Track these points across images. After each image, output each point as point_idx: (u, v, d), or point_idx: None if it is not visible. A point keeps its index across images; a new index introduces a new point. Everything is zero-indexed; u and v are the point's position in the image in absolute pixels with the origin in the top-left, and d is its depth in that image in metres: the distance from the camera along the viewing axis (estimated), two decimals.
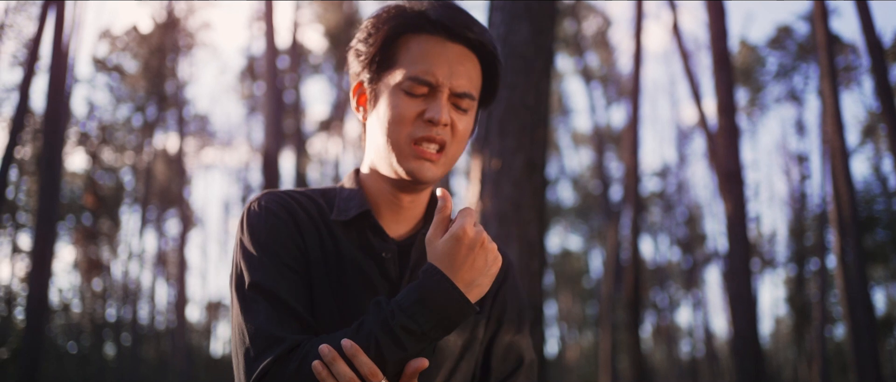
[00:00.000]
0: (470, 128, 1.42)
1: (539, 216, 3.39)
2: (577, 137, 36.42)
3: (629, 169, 16.07)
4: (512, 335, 1.49)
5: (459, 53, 1.37)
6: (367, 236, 1.42)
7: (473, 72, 1.39)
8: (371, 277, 1.38)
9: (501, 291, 1.51)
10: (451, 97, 1.37)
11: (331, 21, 30.79)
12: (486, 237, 1.24)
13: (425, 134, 1.34)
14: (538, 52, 3.55)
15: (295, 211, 1.41)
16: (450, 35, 1.37)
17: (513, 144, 3.40)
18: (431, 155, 1.35)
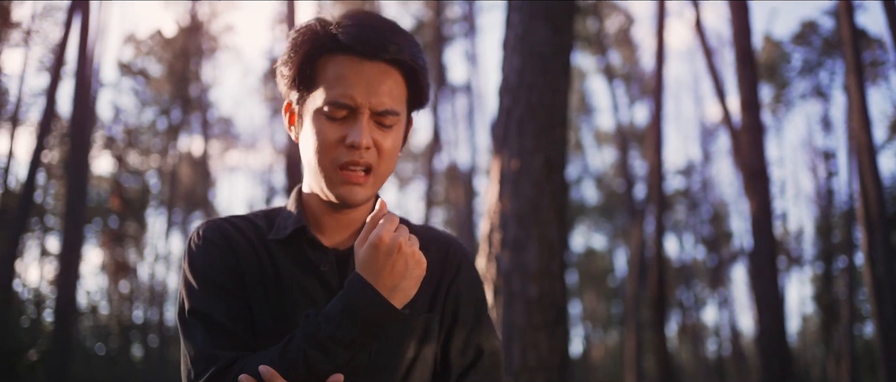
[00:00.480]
0: (398, 142, 1.41)
1: (559, 217, 3.37)
2: (600, 136, 36.28)
3: (653, 167, 15.97)
4: (469, 327, 1.48)
5: (378, 70, 1.35)
6: (306, 252, 1.42)
7: (395, 87, 1.37)
8: (311, 292, 1.40)
9: (454, 285, 1.49)
10: (372, 117, 1.35)
11: None
12: (404, 242, 1.25)
13: (349, 159, 1.34)
14: (557, 51, 3.53)
15: (231, 237, 1.43)
16: (365, 55, 1.34)
17: (532, 144, 3.38)
18: (358, 179, 1.35)
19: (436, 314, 1.45)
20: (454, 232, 36.21)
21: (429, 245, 1.49)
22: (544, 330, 3.15)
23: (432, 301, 1.46)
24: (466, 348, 1.46)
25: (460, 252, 1.54)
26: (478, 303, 1.52)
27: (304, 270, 1.41)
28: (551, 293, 3.22)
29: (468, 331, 1.47)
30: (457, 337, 1.46)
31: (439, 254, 1.51)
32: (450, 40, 30.47)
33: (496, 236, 3.34)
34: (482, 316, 1.51)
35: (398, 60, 1.36)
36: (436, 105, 23.72)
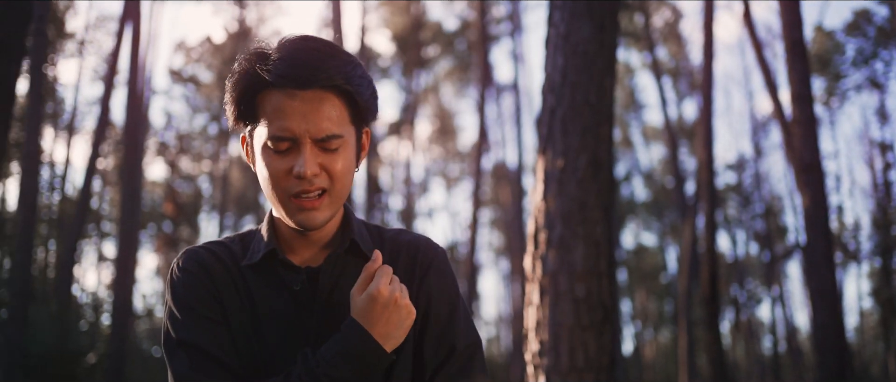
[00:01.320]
0: (349, 161, 1.42)
1: (606, 215, 3.34)
2: (649, 132, 35.91)
3: (703, 163, 15.75)
4: (442, 325, 1.50)
5: (313, 98, 1.36)
6: (279, 273, 1.46)
7: (334, 111, 1.38)
8: (284, 312, 1.43)
9: (424, 285, 1.51)
10: (315, 144, 1.37)
11: (398, 25, 31.01)
12: (400, 295, 1.34)
13: (300, 188, 1.37)
14: (600, 49, 3.51)
15: (208, 265, 1.47)
16: (297, 86, 1.35)
17: (577, 142, 3.36)
18: (312, 204, 1.38)
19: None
20: (502, 232, 36.13)
21: (400, 251, 1.54)
22: (592, 330, 3.12)
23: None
24: (439, 346, 1.47)
25: (430, 253, 1.56)
26: (450, 300, 1.53)
27: (277, 291, 1.45)
28: (599, 293, 3.20)
29: (441, 329, 1.49)
30: (429, 336, 1.48)
31: (409, 258, 1.54)
32: (495, 40, 30.42)
33: (542, 235, 3.33)
34: (455, 313, 1.52)
35: (330, 82, 1.36)
36: (482, 105, 23.66)
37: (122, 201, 19.56)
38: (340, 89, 1.38)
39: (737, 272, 33.58)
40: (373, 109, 1.46)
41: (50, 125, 28.52)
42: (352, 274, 1.46)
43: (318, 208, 1.39)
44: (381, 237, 1.56)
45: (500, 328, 39.63)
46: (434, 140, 37.85)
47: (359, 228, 1.53)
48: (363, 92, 1.41)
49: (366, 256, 1.47)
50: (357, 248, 1.48)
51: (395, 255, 1.52)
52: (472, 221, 22.91)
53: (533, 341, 3.24)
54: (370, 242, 1.52)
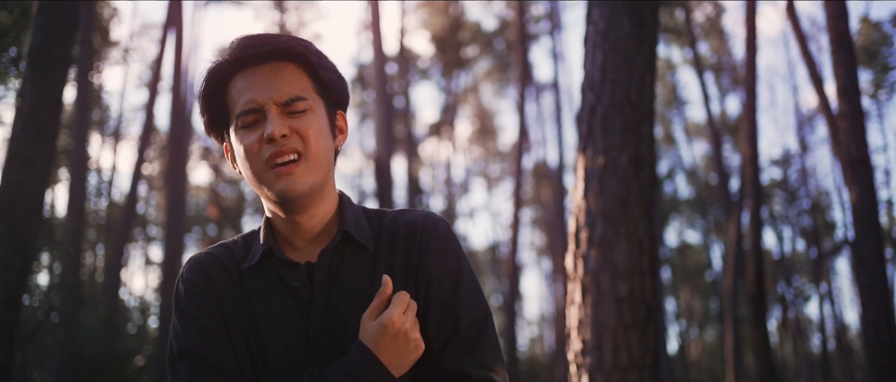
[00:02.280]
0: (322, 128, 1.44)
1: (648, 213, 3.31)
2: (692, 129, 35.50)
3: (747, 159, 15.53)
4: (447, 298, 1.46)
5: (271, 68, 1.42)
6: (278, 271, 1.46)
7: (293, 76, 1.43)
8: (285, 311, 1.44)
9: (423, 264, 1.48)
10: (281, 110, 1.40)
11: (436, 26, 31.06)
12: (410, 328, 1.34)
13: (272, 152, 1.39)
14: (640, 45, 3.48)
15: (210, 272, 1.49)
16: (254, 61, 1.42)
17: (617, 140, 3.34)
18: (289, 168, 1.39)
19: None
20: (544, 232, 35.99)
21: (399, 232, 1.51)
22: (635, 329, 3.10)
23: (404, 289, 1.44)
24: (444, 318, 1.43)
25: (429, 229, 1.51)
26: (453, 273, 1.48)
27: (277, 291, 1.45)
28: (642, 291, 3.17)
29: (445, 302, 1.45)
30: (433, 311, 1.44)
31: (407, 237, 1.51)
32: (534, 39, 30.32)
33: (583, 234, 3.31)
34: (460, 286, 1.47)
35: (289, 53, 1.43)
36: (522, 104, 23.60)
37: (167, 205, 19.87)
38: (299, 58, 1.45)
39: (783, 269, 33.04)
40: (338, 87, 1.50)
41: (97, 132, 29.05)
42: (349, 266, 1.46)
43: (294, 172, 1.39)
44: (381, 222, 1.55)
45: (542, 328, 39.49)
46: (474, 140, 37.82)
47: (355, 217, 1.52)
48: (323, 64, 1.46)
49: (361, 245, 1.47)
50: (351, 238, 1.47)
51: (394, 237, 1.51)
52: (513, 220, 22.85)
53: (575, 340, 3.22)
54: (367, 229, 1.51)
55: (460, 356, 1.41)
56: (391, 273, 1.44)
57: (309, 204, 1.45)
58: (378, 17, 18.77)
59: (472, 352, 1.42)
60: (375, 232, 1.51)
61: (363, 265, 1.47)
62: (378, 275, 1.44)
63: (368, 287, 1.43)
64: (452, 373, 1.40)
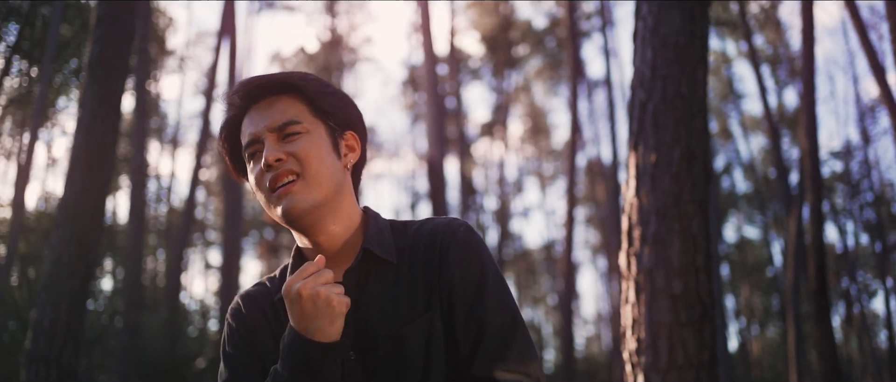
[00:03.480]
0: (318, 144, 1.48)
1: (702, 209, 3.26)
2: (749, 123, 34.88)
3: (807, 152, 15.20)
4: (469, 302, 1.44)
5: (267, 102, 1.50)
6: None
7: (287, 104, 1.50)
8: None
9: (444, 271, 1.47)
10: (276, 136, 1.47)
11: (486, 26, 31.05)
12: (303, 287, 1.31)
13: (271, 178, 1.44)
14: (691, 40, 3.43)
15: (245, 315, 1.57)
16: (253, 99, 1.52)
17: (669, 136, 3.30)
18: (288, 188, 1.43)
19: (434, 310, 1.44)
20: (599, 230, 35.69)
21: (420, 241, 1.52)
22: (690, 327, 3.05)
23: (428, 300, 1.45)
24: (469, 323, 1.42)
25: (449, 235, 1.50)
26: (476, 277, 1.47)
27: None
28: (697, 288, 3.12)
29: (469, 307, 1.43)
30: (458, 317, 1.43)
31: (428, 246, 1.50)
32: (586, 36, 30.11)
33: (636, 232, 3.28)
34: (484, 291, 1.45)
35: (282, 85, 1.51)
36: (574, 102, 23.45)
37: (224, 210, 20.19)
38: (292, 88, 1.52)
39: (847, 263, 32.27)
40: (338, 109, 1.54)
41: (155, 140, 29.66)
42: (374, 282, 1.47)
43: (292, 191, 1.44)
44: (406, 233, 1.55)
45: (599, 327, 39.17)
46: (527, 139, 37.71)
47: (380, 232, 1.53)
48: (318, 90, 1.51)
49: (386, 260, 1.48)
50: (373, 255, 1.48)
51: (416, 247, 1.51)
52: (567, 219, 22.71)
53: (630, 339, 3.19)
54: (391, 244, 1.51)
55: (490, 361, 1.39)
56: (414, 284, 1.46)
57: (318, 221, 1.47)
58: (428, 18, 18.82)
59: (501, 357, 1.40)
60: (400, 245, 1.52)
61: (388, 278, 1.47)
62: (402, 289, 1.46)
63: (393, 303, 1.45)
64: (484, 380, 1.38)
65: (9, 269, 15.14)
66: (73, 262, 6.75)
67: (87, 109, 7.24)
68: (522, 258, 38.80)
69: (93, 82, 7.28)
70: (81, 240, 6.84)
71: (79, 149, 7.13)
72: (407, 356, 1.41)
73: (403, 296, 1.44)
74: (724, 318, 24.20)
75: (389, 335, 1.41)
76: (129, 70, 10.14)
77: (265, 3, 31.59)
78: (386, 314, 1.43)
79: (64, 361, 6.60)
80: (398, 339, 1.41)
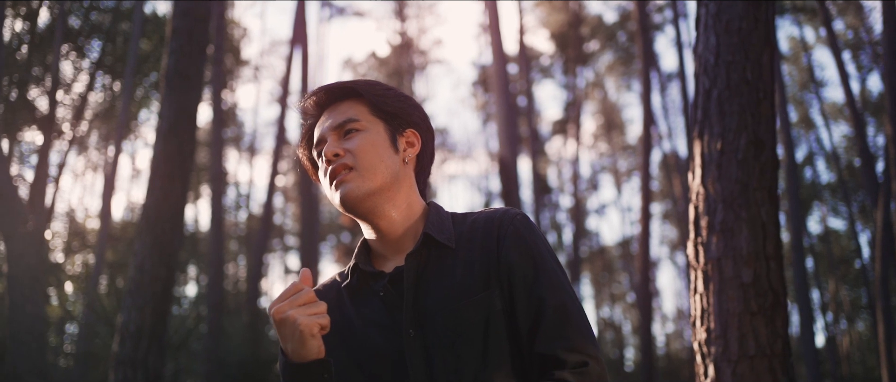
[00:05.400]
0: (374, 139, 1.60)
1: (771, 197, 3.20)
2: (831, 111, 33.87)
3: (892, 139, 14.70)
4: (528, 286, 1.50)
5: (332, 107, 1.65)
6: (368, 285, 1.60)
7: (348, 106, 1.64)
8: (380, 321, 1.54)
9: (502, 253, 1.53)
10: (337, 133, 1.60)
11: (556, 23, 30.87)
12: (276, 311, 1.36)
13: (330, 171, 1.58)
14: (755, 24, 3.36)
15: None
16: (323, 107, 1.68)
17: (735, 123, 3.24)
18: (342, 179, 1.56)
19: (493, 290, 1.49)
20: (674, 225, 35.08)
21: (476, 230, 1.59)
22: (762, 316, 2.99)
23: (486, 280, 1.51)
24: (530, 304, 1.48)
25: (505, 223, 1.58)
26: (534, 260, 1.53)
27: (369, 303, 1.57)
28: (767, 277, 3.06)
29: (528, 288, 1.50)
30: (519, 298, 1.49)
31: (486, 232, 1.57)
32: (658, 28, 29.68)
33: (703, 221, 3.23)
34: (540, 272, 1.52)
35: (343, 91, 1.65)
36: (646, 96, 23.12)
37: (301, 215, 20.54)
38: (353, 93, 1.66)
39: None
40: (397, 108, 1.66)
41: (233, 148, 30.36)
42: (434, 266, 1.55)
43: (346, 181, 1.56)
44: (464, 222, 1.64)
45: (680, 324, 38.51)
46: (600, 136, 37.35)
47: (440, 221, 1.62)
48: (378, 92, 1.64)
49: (446, 245, 1.56)
50: (433, 240, 1.56)
51: (473, 232, 1.59)
52: (642, 215, 22.40)
53: (700, 329, 3.15)
54: (451, 230, 1.60)
55: (552, 340, 1.45)
56: (471, 265, 1.52)
57: (376, 208, 1.58)
58: (496, 18, 18.82)
59: (563, 335, 1.45)
60: (458, 232, 1.60)
61: (446, 263, 1.54)
62: (459, 271, 1.52)
63: (451, 284, 1.51)
64: (547, 358, 1.44)
65: (97, 277, 15.71)
66: (155, 267, 6.98)
67: (165, 119, 7.48)
68: (599, 255, 38.45)
69: (170, 93, 7.52)
70: (162, 245, 7.07)
71: (158, 158, 7.37)
72: (466, 331, 1.46)
73: (461, 276, 1.51)
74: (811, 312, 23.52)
75: (448, 311, 1.48)
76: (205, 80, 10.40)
77: (336, 11, 32.04)
78: (444, 294, 1.50)
79: (150, 363, 6.83)
80: (457, 315, 1.47)
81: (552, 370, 1.43)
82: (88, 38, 18.25)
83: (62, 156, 19.03)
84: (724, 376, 2.99)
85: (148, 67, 17.65)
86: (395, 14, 32.67)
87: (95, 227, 20.95)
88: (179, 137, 7.40)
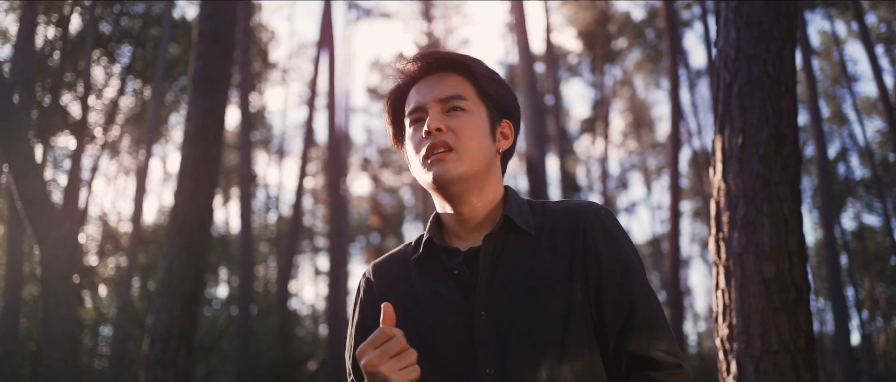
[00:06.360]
0: (477, 125, 1.57)
1: (793, 191, 3.17)
2: (864, 105, 33.39)
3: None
4: (618, 285, 1.50)
5: (438, 77, 1.61)
6: (441, 260, 1.58)
7: (456, 81, 1.60)
8: (450, 297, 1.52)
9: (591, 249, 1.53)
10: (441, 106, 1.57)
11: (583, 21, 30.73)
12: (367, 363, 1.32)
13: (429, 145, 1.53)
14: (776, 17, 3.33)
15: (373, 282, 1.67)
16: (425, 72, 1.62)
17: (756, 117, 3.21)
18: (440, 157, 1.52)
19: (576, 281, 1.49)
20: (704, 223, 34.76)
21: (560, 220, 1.58)
22: (784, 311, 2.96)
23: (570, 271, 1.50)
24: (620, 302, 1.49)
25: (592, 216, 1.57)
26: (622, 259, 1.53)
27: (440, 278, 1.55)
28: (790, 272, 3.03)
29: (619, 287, 1.50)
30: (607, 298, 1.49)
31: (570, 224, 1.56)
32: (687, 25, 29.43)
33: (725, 216, 3.20)
34: (630, 272, 1.53)
35: (455, 64, 1.61)
36: (675, 93, 22.94)
37: (330, 216, 20.63)
38: (464, 69, 1.61)
39: None
40: (501, 96, 1.63)
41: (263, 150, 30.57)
42: (511, 250, 1.53)
43: (444, 160, 1.52)
44: (544, 211, 1.62)
45: (711, 322, 38.16)
46: (629, 134, 37.12)
47: (519, 206, 1.60)
48: (487, 75, 1.61)
49: (525, 231, 1.54)
50: (513, 224, 1.55)
51: (557, 223, 1.57)
52: (671, 213, 22.24)
53: (722, 325, 3.12)
54: (530, 217, 1.58)
55: (645, 341, 1.47)
56: (554, 254, 1.52)
57: (464, 192, 1.56)
58: (523, 17, 18.77)
59: (656, 337, 1.48)
60: (538, 220, 1.59)
61: (525, 249, 1.54)
62: (540, 260, 1.52)
63: (530, 271, 1.51)
64: (640, 358, 1.46)
65: (130, 280, 15.90)
66: (183, 269, 7.05)
67: (192, 121, 7.55)
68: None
69: (197, 96, 7.59)
70: (191, 247, 7.14)
71: (186, 160, 7.44)
72: (545, 319, 1.46)
73: (542, 265, 1.51)
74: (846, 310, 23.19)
75: (528, 297, 1.47)
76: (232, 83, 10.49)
77: (362, 12, 32.17)
78: (523, 280, 1.49)
79: (179, 364, 6.90)
80: (538, 302, 1.47)
81: (646, 370, 1.46)
82: (119, 44, 18.48)
83: (95, 160, 19.30)
84: (746, 372, 2.97)
85: (177, 72, 17.84)
86: (421, 14, 32.73)
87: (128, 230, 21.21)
88: (206, 140, 7.47)
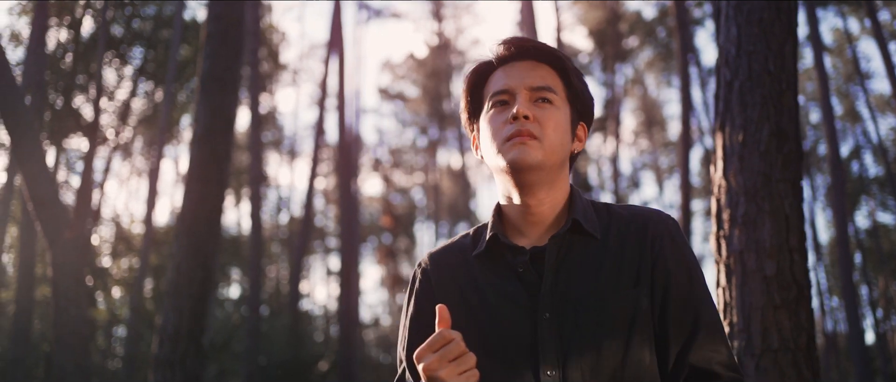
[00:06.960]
0: (561, 120, 1.56)
1: (795, 189, 3.16)
2: (878, 103, 33.18)
3: None
4: (683, 294, 1.50)
5: (529, 64, 1.59)
6: (505, 257, 1.55)
7: (547, 73, 1.59)
8: (513, 295, 1.51)
9: (660, 259, 1.52)
10: (530, 94, 1.55)
11: (594, 20, 30.65)
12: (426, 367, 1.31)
13: (513, 130, 1.51)
14: (777, 14, 3.32)
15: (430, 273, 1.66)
16: (516, 57, 1.60)
17: (757, 114, 3.20)
18: (523, 139, 1.50)
19: (642, 288, 1.49)
20: None
21: (628, 226, 1.57)
22: (785, 309, 2.95)
23: (637, 277, 1.50)
24: (685, 314, 1.49)
25: (661, 225, 1.57)
26: (688, 270, 1.53)
27: (505, 276, 1.53)
28: (791, 269, 3.01)
29: (685, 298, 1.50)
30: (673, 307, 1.49)
31: (638, 231, 1.56)
32: (698, 23, 29.32)
33: (725, 214, 3.19)
34: (695, 284, 1.53)
35: (548, 55, 1.60)
36: (686, 92, 22.86)
37: (341, 217, 20.66)
38: (556, 62, 1.61)
39: None
40: (586, 98, 1.64)
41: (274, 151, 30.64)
42: (577, 253, 1.53)
43: (527, 144, 1.50)
44: (609, 215, 1.62)
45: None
46: (641, 133, 37.02)
47: (584, 207, 1.60)
48: (577, 74, 1.61)
49: (590, 234, 1.54)
50: (580, 227, 1.54)
51: (624, 229, 1.57)
52: (682, 213, 22.17)
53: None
54: (596, 221, 1.58)
55: (709, 353, 1.48)
56: (621, 260, 1.52)
57: (537, 183, 1.55)
58: (532, 16, 18.76)
59: (718, 350, 1.49)
60: (604, 224, 1.59)
61: (591, 253, 1.54)
62: (606, 264, 1.51)
63: (595, 275, 1.50)
64: (702, 370, 1.47)
65: (142, 281, 15.98)
66: (192, 269, 7.07)
67: (200, 122, 7.57)
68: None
69: (205, 97, 7.61)
70: (199, 248, 7.16)
71: (194, 161, 7.47)
72: (609, 324, 1.46)
73: (608, 270, 1.50)
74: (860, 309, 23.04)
75: (593, 301, 1.47)
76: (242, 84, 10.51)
77: (373, 12, 32.20)
78: (589, 283, 1.49)
79: (188, 364, 6.92)
80: (604, 307, 1.46)
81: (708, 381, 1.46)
82: (130, 46, 18.57)
83: (107, 162, 19.42)
84: (747, 370, 2.95)
85: (188, 73, 17.91)
86: (432, 15, 32.77)
87: (140, 231, 21.31)
88: (214, 141, 7.49)
